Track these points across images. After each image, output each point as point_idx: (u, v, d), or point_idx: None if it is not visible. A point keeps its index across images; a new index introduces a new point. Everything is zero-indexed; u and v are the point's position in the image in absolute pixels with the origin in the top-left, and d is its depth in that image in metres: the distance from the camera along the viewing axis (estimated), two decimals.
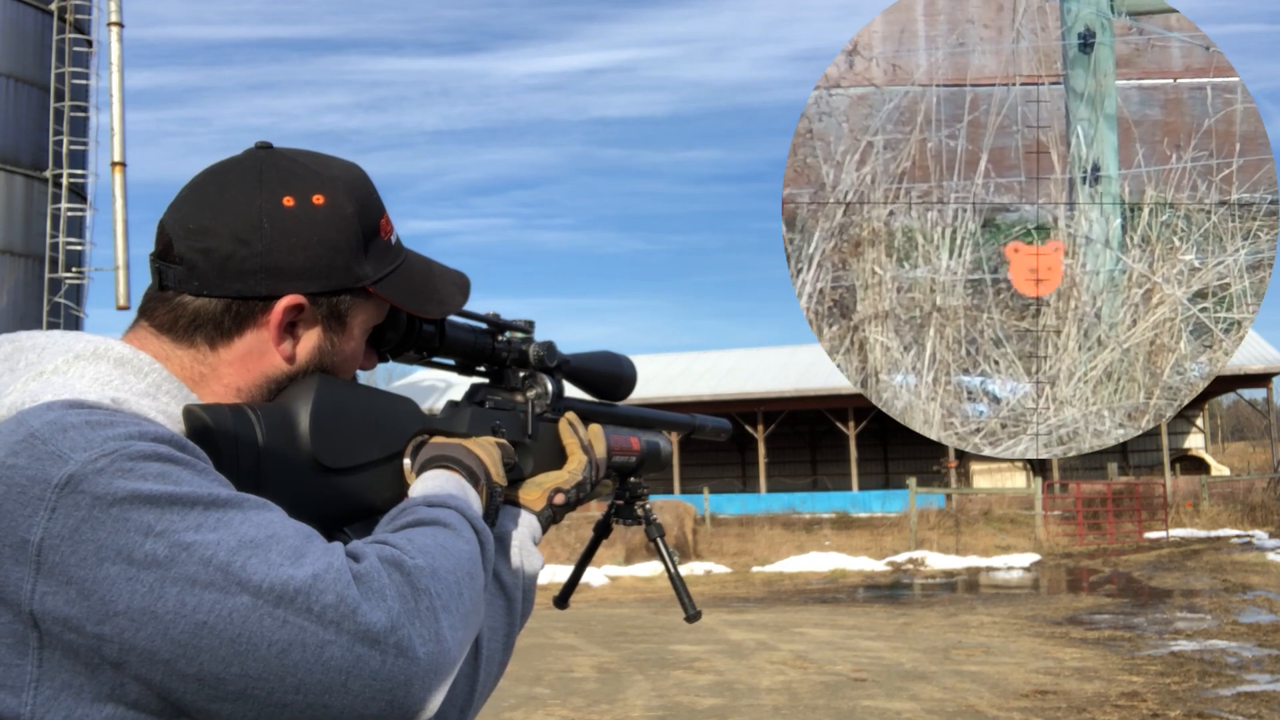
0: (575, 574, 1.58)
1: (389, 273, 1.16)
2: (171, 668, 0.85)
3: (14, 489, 0.86)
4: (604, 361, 1.49)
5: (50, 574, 0.84)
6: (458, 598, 0.98)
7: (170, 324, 1.08)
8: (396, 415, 1.17)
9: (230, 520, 0.88)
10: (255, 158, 1.12)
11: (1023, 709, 7.96)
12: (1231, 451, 55.64)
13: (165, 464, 0.89)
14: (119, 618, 0.84)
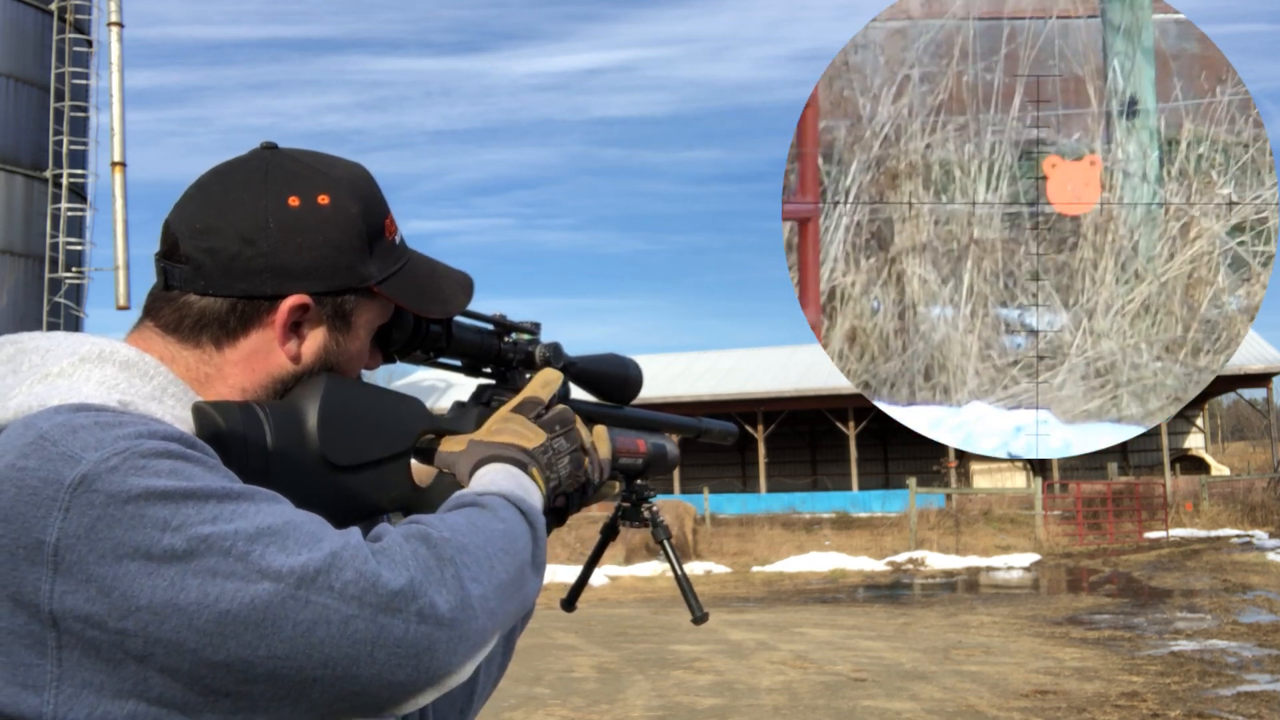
0: (583, 576, 1.57)
1: (393, 273, 1.16)
2: (199, 656, 0.86)
3: (25, 491, 0.86)
4: (610, 364, 1.48)
5: (68, 573, 0.85)
6: (488, 570, 0.99)
7: (175, 324, 1.08)
8: (403, 414, 1.18)
9: (245, 511, 0.90)
10: (261, 158, 1.12)
11: (1023, 709, 7.96)
12: (1231, 451, 55.66)
13: (176, 460, 0.90)
14: (142, 612, 0.85)
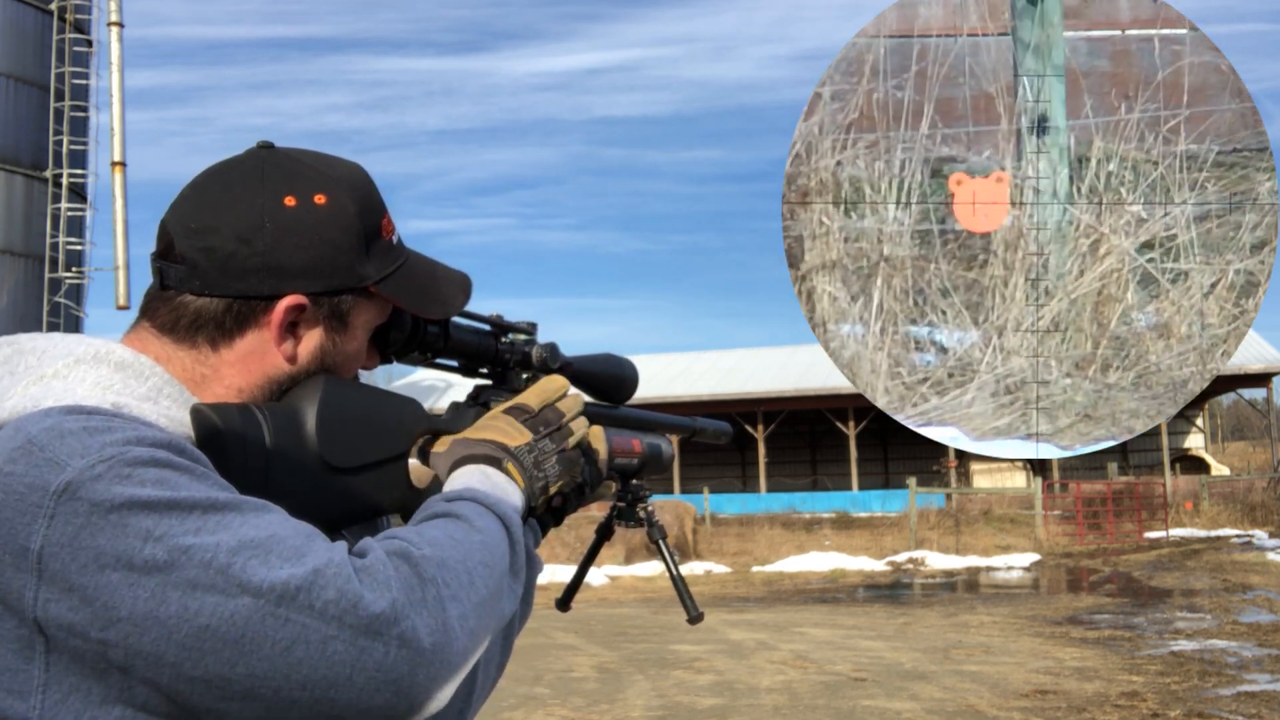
0: (577, 576, 1.57)
1: (391, 273, 1.16)
2: (177, 670, 0.85)
3: (12, 496, 0.86)
4: (606, 364, 1.49)
5: (52, 581, 0.84)
6: (468, 587, 0.97)
7: (172, 324, 1.08)
8: (402, 415, 1.18)
9: (229, 523, 0.88)
10: (257, 157, 1.11)
11: (1023, 709, 7.96)
12: (1231, 451, 55.63)
13: (163, 469, 0.89)
14: (122, 624, 0.84)
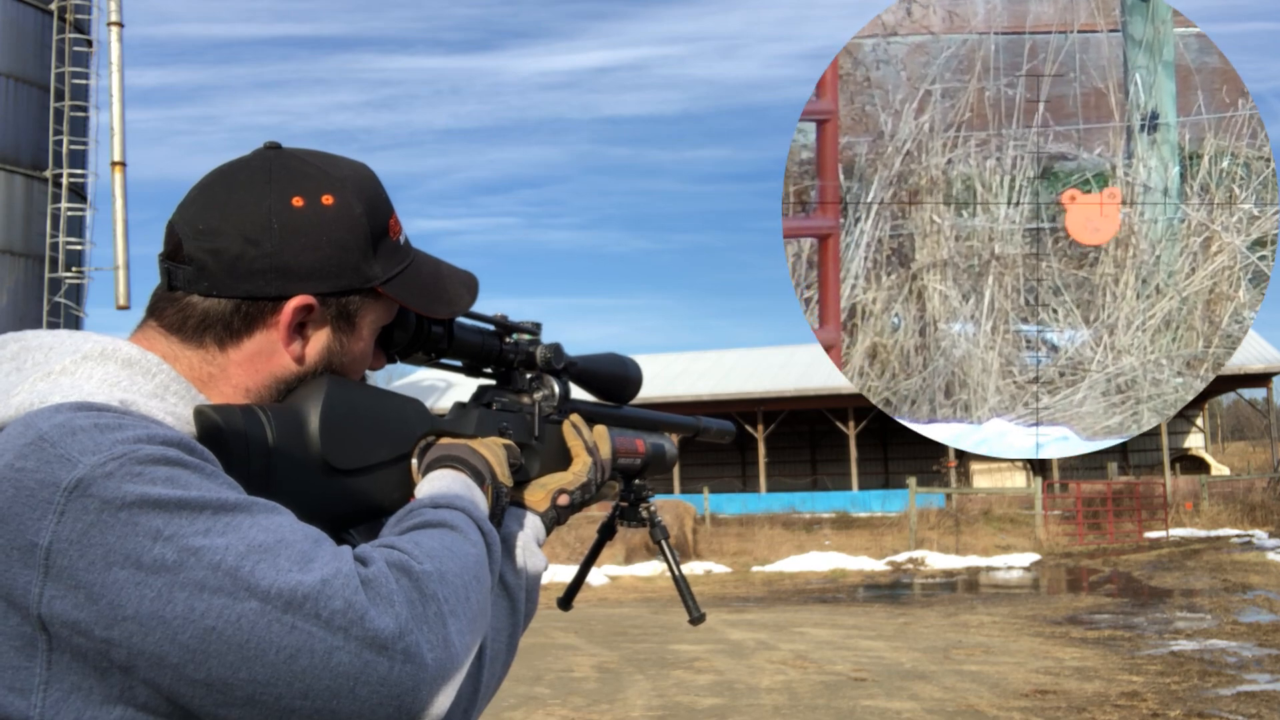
0: (579, 576, 1.58)
1: (398, 273, 1.16)
2: (180, 672, 0.85)
3: (22, 492, 0.86)
4: (610, 364, 1.49)
5: (58, 578, 0.84)
6: (464, 602, 0.98)
7: (179, 324, 1.08)
8: (405, 416, 1.17)
9: (239, 525, 0.88)
10: (264, 158, 1.12)
11: (1023, 709, 7.96)
12: (1231, 451, 55.60)
13: (173, 468, 0.89)
14: (127, 622, 0.84)
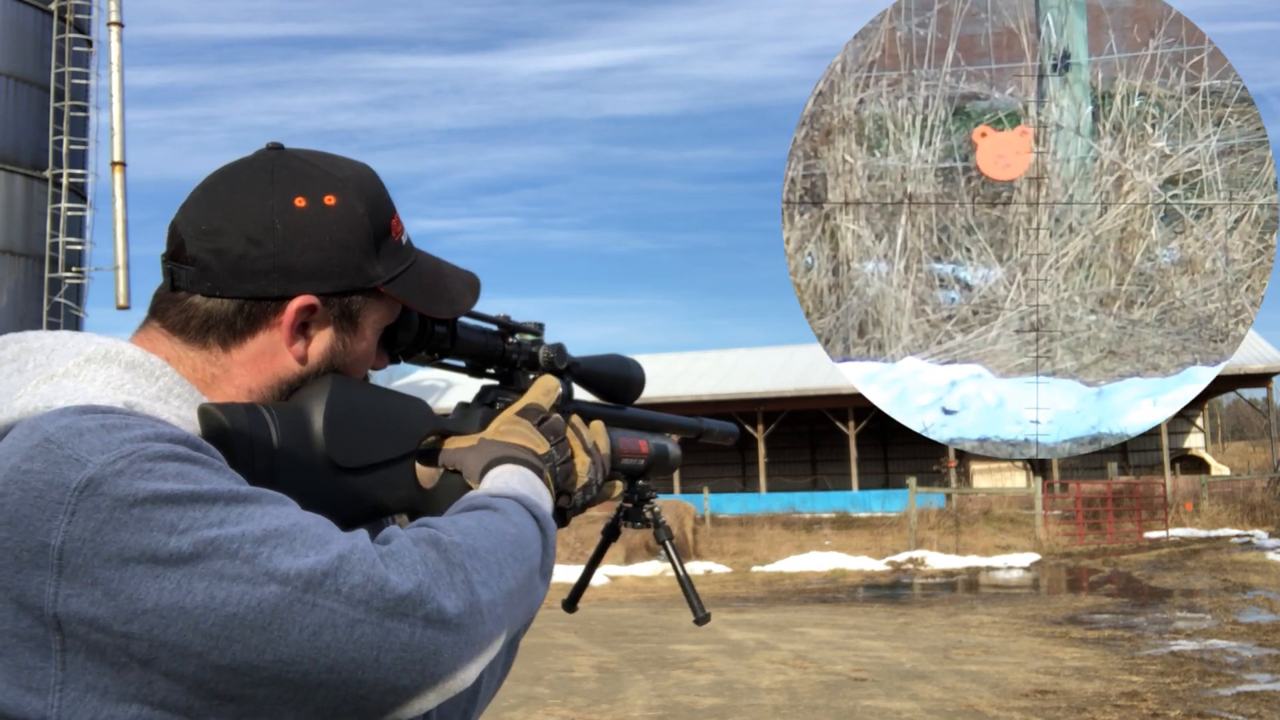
0: (584, 577, 1.58)
1: (400, 273, 1.16)
2: (204, 660, 0.86)
3: (30, 494, 0.85)
4: (613, 364, 1.49)
5: (73, 577, 0.84)
6: (498, 575, 0.99)
7: (182, 325, 1.08)
8: (409, 415, 1.18)
9: (251, 514, 0.89)
10: (266, 158, 1.12)
11: (1023, 709, 7.97)
12: (1231, 451, 55.62)
13: (183, 463, 0.90)
14: (147, 615, 0.85)
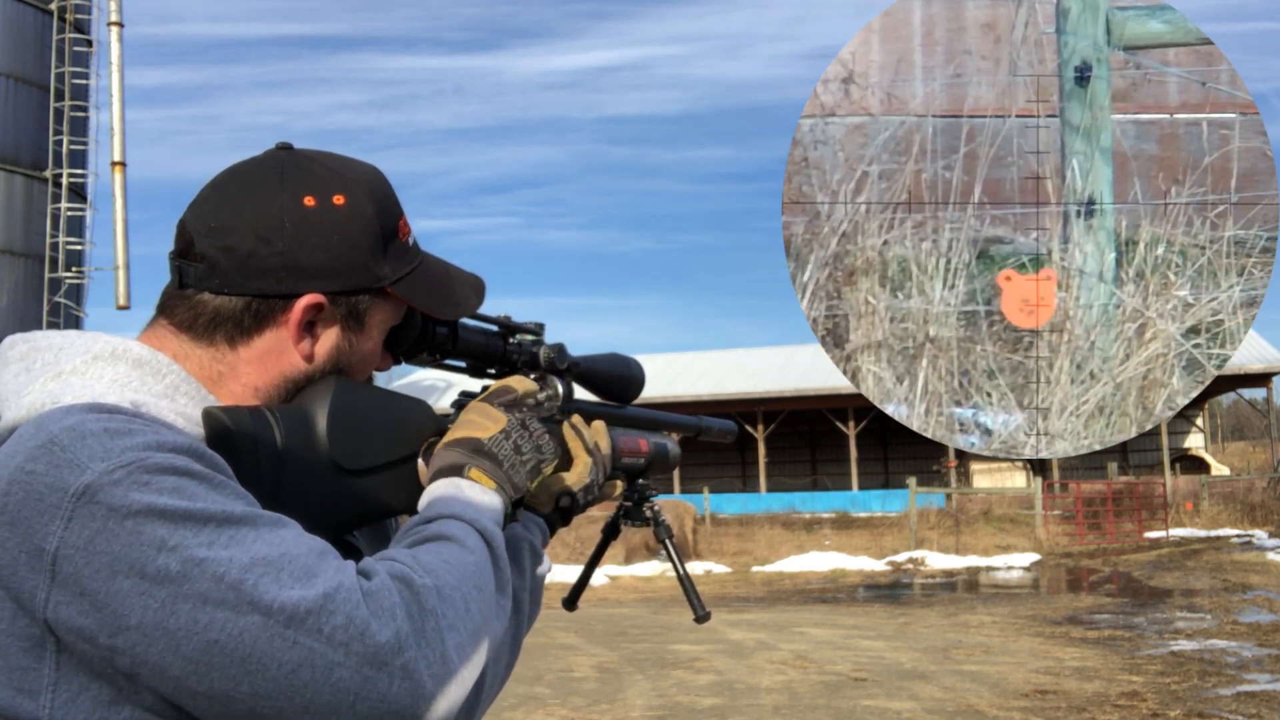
0: (584, 576, 1.58)
1: (407, 273, 1.16)
2: (181, 684, 0.86)
3: (32, 495, 0.86)
4: (613, 364, 1.49)
5: (64, 584, 0.85)
6: (464, 614, 0.98)
7: (190, 322, 1.08)
8: (412, 417, 1.18)
9: (243, 538, 0.89)
10: (276, 158, 1.12)
11: (1023, 709, 7.97)
12: (1231, 451, 55.57)
13: (181, 477, 0.89)
14: (131, 632, 0.85)
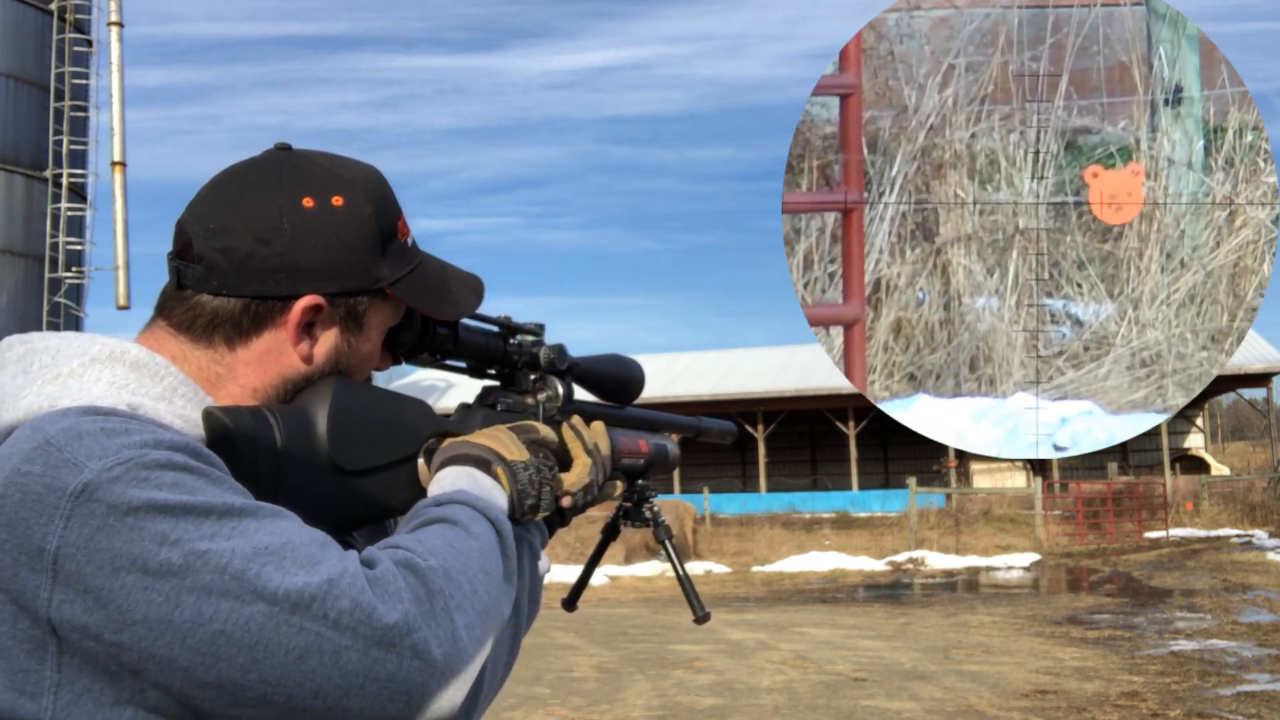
0: (584, 576, 1.58)
1: (406, 274, 1.16)
2: (190, 675, 0.85)
3: (29, 497, 0.86)
4: (613, 364, 1.49)
5: (66, 582, 0.85)
6: (472, 596, 0.98)
7: (188, 323, 1.08)
8: (411, 417, 1.18)
9: (245, 528, 0.89)
10: (275, 158, 1.12)
11: (1023, 709, 7.97)
12: (1231, 451, 55.57)
13: (180, 473, 0.89)
14: (136, 626, 0.84)
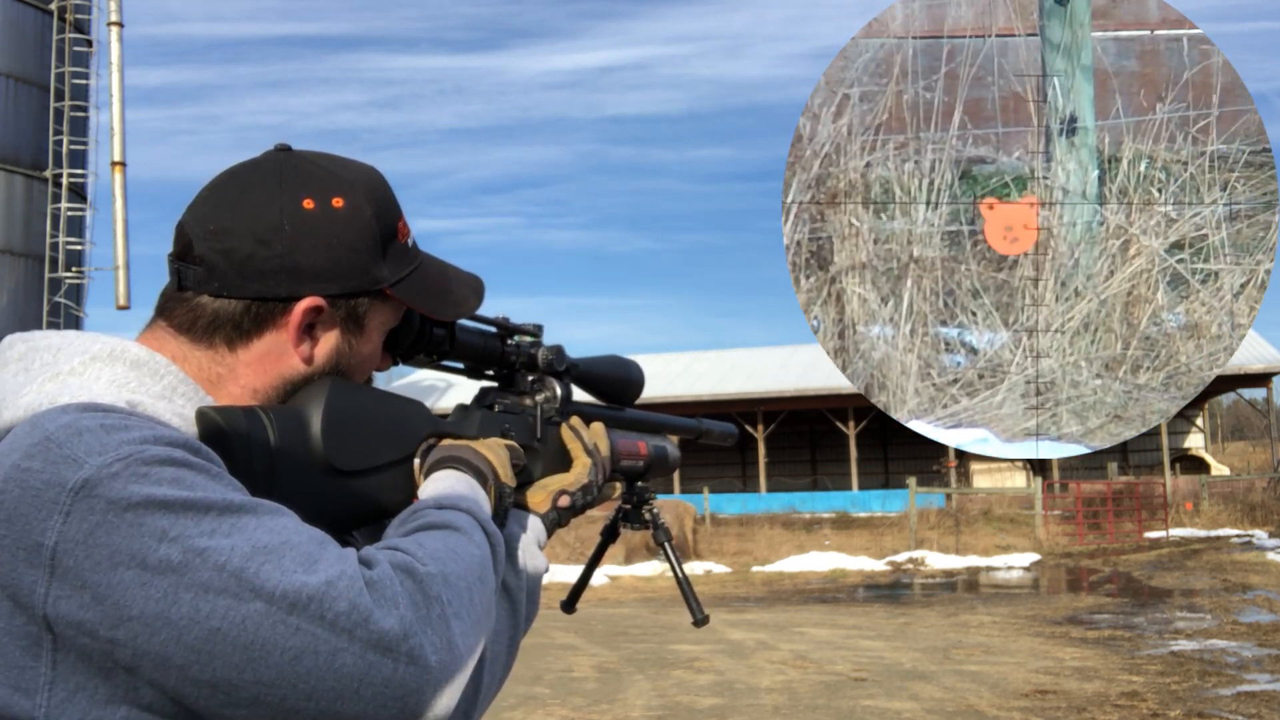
0: (583, 577, 1.58)
1: (406, 275, 1.16)
2: (185, 673, 0.85)
3: (28, 492, 0.86)
4: (612, 366, 1.49)
5: (64, 578, 0.85)
6: (469, 603, 0.98)
7: (189, 324, 1.08)
8: (407, 418, 1.18)
9: (244, 526, 0.88)
10: (275, 160, 1.12)
11: (1023, 709, 7.97)
12: (1231, 451, 55.56)
13: (179, 469, 0.89)
14: (133, 623, 0.84)
